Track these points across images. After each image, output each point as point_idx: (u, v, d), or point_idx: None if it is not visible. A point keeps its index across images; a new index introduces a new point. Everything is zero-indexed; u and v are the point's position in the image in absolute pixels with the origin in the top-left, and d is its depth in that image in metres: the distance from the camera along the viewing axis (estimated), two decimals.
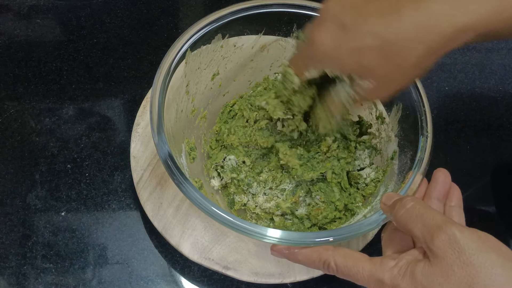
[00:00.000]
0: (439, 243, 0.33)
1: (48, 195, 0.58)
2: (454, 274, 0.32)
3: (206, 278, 0.55)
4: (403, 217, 0.37)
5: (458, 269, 0.32)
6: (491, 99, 0.71)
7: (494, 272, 0.31)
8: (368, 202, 0.53)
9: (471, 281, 0.31)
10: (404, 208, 0.37)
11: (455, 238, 0.33)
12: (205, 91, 0.56)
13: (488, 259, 0.31)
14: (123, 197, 0.59)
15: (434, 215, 0.35)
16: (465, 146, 0.67)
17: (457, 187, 0.44)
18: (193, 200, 0.42)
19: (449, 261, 0.32)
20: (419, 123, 0.47)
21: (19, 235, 0.56)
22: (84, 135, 0.62)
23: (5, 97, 0.64)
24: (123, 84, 0.67)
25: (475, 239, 0.33)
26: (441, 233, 0.33)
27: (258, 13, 0.52)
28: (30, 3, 0.72)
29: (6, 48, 0.68)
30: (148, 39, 0.71)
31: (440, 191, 0.44)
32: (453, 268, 0.32)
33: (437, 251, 0.33)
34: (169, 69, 0.48)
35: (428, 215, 0.35)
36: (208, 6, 0.75)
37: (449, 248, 0.32)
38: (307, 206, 0.53)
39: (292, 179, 0.54)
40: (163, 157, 0.44)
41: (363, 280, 0.37)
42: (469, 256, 0.32)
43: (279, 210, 0.53)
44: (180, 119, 0.52)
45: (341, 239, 0.41)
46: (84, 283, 0.54)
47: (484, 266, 0.31)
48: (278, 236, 0.40)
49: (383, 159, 0.53)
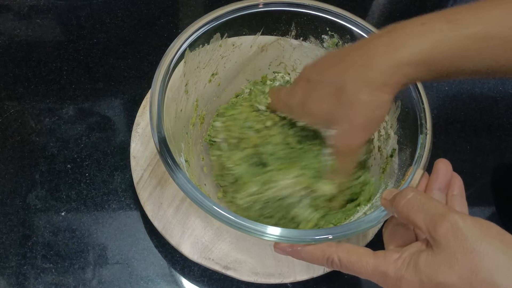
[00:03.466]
0: (442, 231, 0.33)
1: (48, 195, 0.58)
2: (458, 262, 0.32)
3: (206, 278, 0.55)
4: (405, 207, 0.37)
5: (461, 256, 0.32)
6: (491, 99, 0.71)
7: (497, 259, 0.31)
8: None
9: (474, 268, 0.31)
10: (405, 198, 0.37)
11: (457, 226, 0.33)
12: (204, 90, 0.56)
13: (491, 246, 0.31)
14: (123, 197, 0.59)
15: (436, 204, 0.35)
16: (465, 146, 0.67)
17: (458, 176, 0.45)
18: (192, 198, 0.41)
19: (452, 249, 0.32)
20: (418, 121, 0.47)
21: (19, 235, 0.56)
22: (84, 135, 0.63)
23: (5, 97, 0.64)
24: (123, 84, 0.67)
25: (478, 227, 0.33)
26: (444, 221, 0.33)
27: (257, 12, 0.52)
28: (30, 3, 0.72)
29: (6, 48, 0.68)
30: (148, 39, 0.71)
31: (441, 181, 0.44)
32: (456, 256, 0.32)
33: (440, 239, 0.33)
34: (168, 68, 0.48)
35: (430, 205, 0.35)
36: (208, 6, 0.76)
37: (452, 236, 0.32)
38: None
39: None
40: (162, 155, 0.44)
41: (367, 274, 0.37)
42: (472, 243, 0.32)
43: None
44: (179, 119, 0.52)
45: (341, 237, 0.40)
46: (84, 283, 0.54)
47: (487, 253, 0.31)
48: (277, 234, 0.40)
49: (383, 156, 0.53)
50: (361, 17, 0.52)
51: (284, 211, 0.49)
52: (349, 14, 0.52)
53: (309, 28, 0.54)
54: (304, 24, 0.54)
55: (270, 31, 0.55)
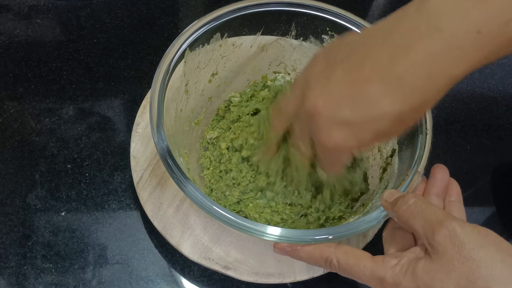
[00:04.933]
0: (440, 238, 0.33)
1: (48, 195, 0.58)
2: (455, 269, 0.32)
3: (206, 278, 0.55)
4: (405, 213, 0.37)
5: (458, 264, 0.32)
6: (491, 99, 0.71)
7: (495, 267, 0.31)
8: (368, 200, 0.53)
9: (471, 276, 0.31)
10: (406, 204, 0.37)
11: (455, 233, 0.33)
12: (204, 90, 0.56)
13: (488, 254, 0.31)
14: (123, 197, 0.59)
15: (435, 210, 0.35)
16: (465, 146, 0.67)
17: (455, 182, 0.44)
18: (193, 198, 0.42)
19: (449, 256, 0.32)
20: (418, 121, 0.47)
21: (19, 235, 0.56)
22: (84, 135, 0.63)
23: (5, 97, 0.64)
24: (123, 84, 0.67)
25: (475, 234, 0.32)
26: (441, 228, 0.33)
27: (257, 12, 0.52)
28: (30, 3, 0.72)
29: (6, 48, 0.68)
30: (148, 39, 0.71)
31: (439, 187, 0.44)
32: (453, 263, 0.32)
33: (437, 246, 0.33)
34: (168, 68, 0.48)
35: (429, 211, 0.35)
36: (208, 6, 0.75)
37: (450, 243, 0.32)
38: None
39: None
40: (163, 155, 0.44)
41: (365, 278, 0.37)
42: (469, 251, 0.32)
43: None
44: (179, 118, 0.52)
45: (340, 237, 0.40)
46: (84, 283, 0.54)
47: (484, 261, 0.31)
48: (278, 234, 0.40)
49: (383, 156, 0.53)
50: (361, 17, 0.52)
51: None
52: (349, 14, 0.52)
53: (309, 28, 0.54)
54: (304, 24, 0.54)
55: (270, 31, 0.55)
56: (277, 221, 0.52)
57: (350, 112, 0.34)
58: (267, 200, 0.53)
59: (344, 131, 0.35)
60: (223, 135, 0.57)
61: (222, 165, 0.55)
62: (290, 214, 0.52)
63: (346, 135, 0.35)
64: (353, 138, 0.35)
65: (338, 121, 0.35)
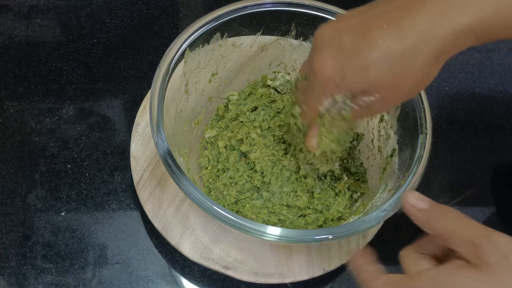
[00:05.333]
0: (489, 251, 0.33)
1: (48, 195, 0.58)
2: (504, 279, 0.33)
3: (206, 278, 0.55)
4: (448, 225, 0.36)
5: (507, 274, 0.33)
6: (491, 99, 0.71)
7: None
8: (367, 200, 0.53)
9: None
10: (446, 215, 0.36)
11: (503, 245, 0.33)
12: (204, 90, 0.56)
13: None
14: (123, 197, 0.59)
15: (479, 225, 0.35)
16: (465, 146, 0.67)
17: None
18: (193, 198, 0.42)
19: (499, 267, 0.33)
20: (418, 121, 0.47)
21: (19, 235, 0.56)
22: (84, 135, 0.63)
23: (5, 97, 0.64)
24: (123, 84, 0.67)
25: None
26: (489, 241, 0.34)
27: (257, 12, 0.52)
28: (30, 3, 0.72)
29: (6, 48, 0.68)
30: (148, 39, 0.71)
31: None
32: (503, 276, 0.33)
33: (487, 258, 0.33)
34: (168, 68, 0.48)
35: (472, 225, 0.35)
36: (208, 6, 0.75)
37: (499, 255, 0.33)
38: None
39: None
40: (163, 155, 0.44)
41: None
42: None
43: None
44: (179, 118, 0.52)
45: (341, 237, 0.41)
46: (84, 283, 0.54)
47: None
48: (277, 234, 0.40)
49: (383, 156, 0.53)
50: None
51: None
52: None
53: (309, 28, 0.54)
54: (304, 24, 0.54)
55: (270, 31, 0.55)
56: (274, 222, 0.52)
57: (347, 39, 0.38)
58: (263, 201, 0.53)
59: (335, 57, 0.38)
60: (221, 134, 0.57)
61: (220, 164, 0.55)
62: (288, 215, 0.52)
63: (334, 64, 0.38)
64: (340, 70, 0.38)
65: (333, 44, 0.38)
